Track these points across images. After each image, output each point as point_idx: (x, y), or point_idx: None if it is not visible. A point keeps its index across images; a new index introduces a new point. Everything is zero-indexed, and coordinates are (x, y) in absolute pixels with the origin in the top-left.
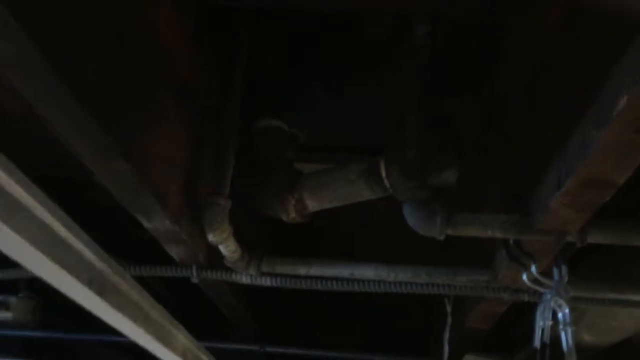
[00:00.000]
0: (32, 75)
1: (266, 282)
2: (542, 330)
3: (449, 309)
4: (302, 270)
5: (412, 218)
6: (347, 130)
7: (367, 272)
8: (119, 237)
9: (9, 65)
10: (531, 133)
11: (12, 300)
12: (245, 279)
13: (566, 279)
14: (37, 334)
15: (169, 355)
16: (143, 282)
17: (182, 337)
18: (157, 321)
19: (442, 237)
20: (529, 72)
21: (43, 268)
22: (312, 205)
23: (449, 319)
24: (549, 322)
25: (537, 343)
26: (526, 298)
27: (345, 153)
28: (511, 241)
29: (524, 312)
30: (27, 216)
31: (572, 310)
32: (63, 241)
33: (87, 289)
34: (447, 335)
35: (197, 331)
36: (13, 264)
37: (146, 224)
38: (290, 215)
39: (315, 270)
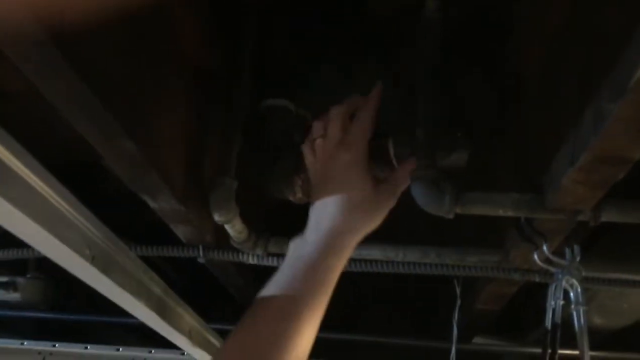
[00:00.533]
0: (32, 50)
1: (273, 262)
2: (553, 311)
3: (458, 290)
4: None
5: (420, 197)
6: None
7: (374, 252)
8: (128, 223)
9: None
10: (546, 113)
11: (20, 280)
12: (252, 259)
13: (578, 258)
14: (48, 315)
15: (174, 335)
16: (151, 264)
17: (188, 316)
18: (162, 300)
19: (451, 216)
20: (544, 50)
21: (44, 243)
22: None
23: (458, 301)
24: (561, 302)
25: (548, 323)
26: (537, 279)
27: None
28: (522, 220)
29: (536, 294)
30: (26, 189)
31: (584, 291)
32: (64, 216)
33: (90, 265)
34: (456, 316)
35: (207, 314)
36: (20, 244)
37: (152, 204)
38: (297, 195)
39: None
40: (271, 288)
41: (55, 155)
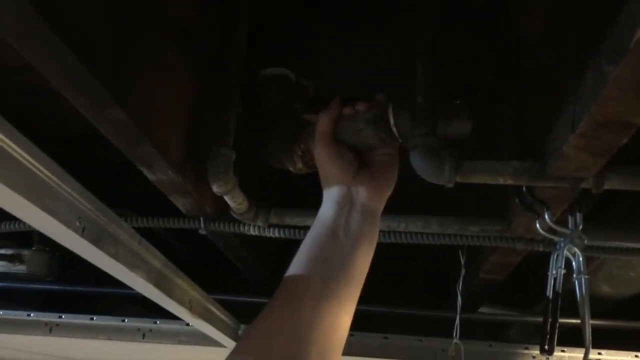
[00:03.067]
0: (15, 17)
1: (274, 233)
2: (555, 280)
3: (462, 260)
4: (310, 222)
5: (420, 166)
6: (357, 81)
7: None
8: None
9: None
10: (546, 78)
11: (26, 253)
12: (253, 231)
13: (581, 226)
14: (54, 287)
15: (173, 305)
16: (156, 237)
17: (187, 287)
18: (160, 271)
19: (451, 185)
20: (544, 12)
21: (31, 216)
22: None
23: (463, 270)
24: (562, 271)
25: (549, 292)
26: (540, 248)
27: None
28: (524, 188)
29: (543, 263)
30: (10, 162)
31: (590, 261)
32: (52, 188)
33: (80, 237)
34: (460, 286)
35: (214, 285)
36: None
37: (149, 176)
38: (297, 165)
39: None
40: (301, 260)
41: (64, 128)
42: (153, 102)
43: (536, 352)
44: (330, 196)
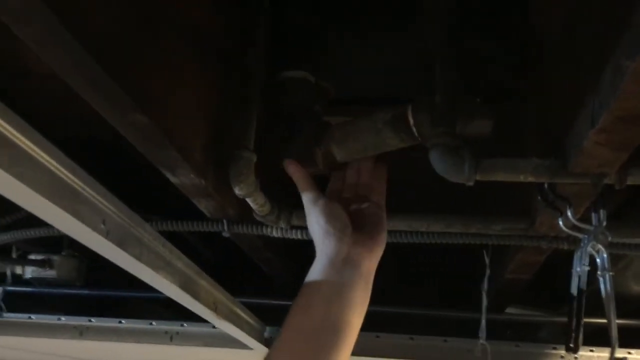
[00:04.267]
0: (33, 20)
1: (297, 235)
2: (579, 277)
3: (487, 259)
4: None
5: (439, 164)
6: (370, 81)
7: (398, 222)
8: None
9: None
10: (567, 73)
11: (56, 258)
12: (275, 233)
13: (604, 223)
14: (83, 291)
15: (199, 307)
16: (182, 240)
17: (212, 289)
18: (184, 273)
19: (471, 183)
20: (564, 8)
21: (57, 219)
22: (340, 156)
23: (488, 270)
24: (586, 268)
25: (573, 290)
26: (565, 246)
27: (376, 104)
28: (546, 186)
29: (571, 261)
30: (32, 163)
31: (619, 259)
32: (74, 190)
33: (105, 239)
34: (485, 286)
35: (240, 288)
36: None
37: (172, 179)
38: (318, 167)
39: None
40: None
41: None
42: (175, 106)
43: (565, 352)
44: (326, 256)
